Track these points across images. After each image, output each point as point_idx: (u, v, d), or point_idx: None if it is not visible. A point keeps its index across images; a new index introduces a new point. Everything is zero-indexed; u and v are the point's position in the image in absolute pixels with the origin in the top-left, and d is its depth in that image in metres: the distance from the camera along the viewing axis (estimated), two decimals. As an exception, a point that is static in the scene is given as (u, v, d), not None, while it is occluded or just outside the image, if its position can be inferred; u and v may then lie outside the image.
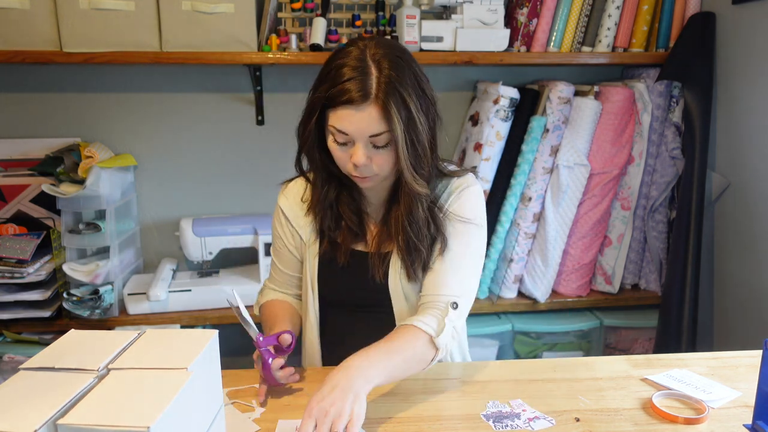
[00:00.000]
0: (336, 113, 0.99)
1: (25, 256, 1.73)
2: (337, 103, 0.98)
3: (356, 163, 1.01)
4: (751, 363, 1.17)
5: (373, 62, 0.99)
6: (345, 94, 0.97)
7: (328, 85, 0.99)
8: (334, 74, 0.99)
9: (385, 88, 0.97)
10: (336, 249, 1.16)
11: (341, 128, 1.00)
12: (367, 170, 1.03)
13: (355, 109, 0.97)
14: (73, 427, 0.58)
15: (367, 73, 0.98)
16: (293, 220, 1.21)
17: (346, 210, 1.15)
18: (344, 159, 1.04)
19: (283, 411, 1.00)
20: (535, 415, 0.99)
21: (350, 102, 0.97)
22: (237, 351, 2.20)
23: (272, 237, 1.28)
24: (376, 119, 0.98)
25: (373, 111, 0.98)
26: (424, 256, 1.10)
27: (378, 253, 1.14)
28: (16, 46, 1.67)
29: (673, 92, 1.97)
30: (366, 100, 0.97)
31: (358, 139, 1.00)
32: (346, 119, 0.99)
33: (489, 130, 1.90)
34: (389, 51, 1.01)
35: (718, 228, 1.94)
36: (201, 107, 2.03)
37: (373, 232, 1.18)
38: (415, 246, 1.09)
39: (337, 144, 1.03)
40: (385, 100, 0.97)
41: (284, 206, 1.23)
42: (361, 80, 0.97)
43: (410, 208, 1.08)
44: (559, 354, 2.02)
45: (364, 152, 1.01)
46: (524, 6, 1.90)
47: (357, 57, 0.99)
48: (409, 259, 1.10)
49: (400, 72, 0.99)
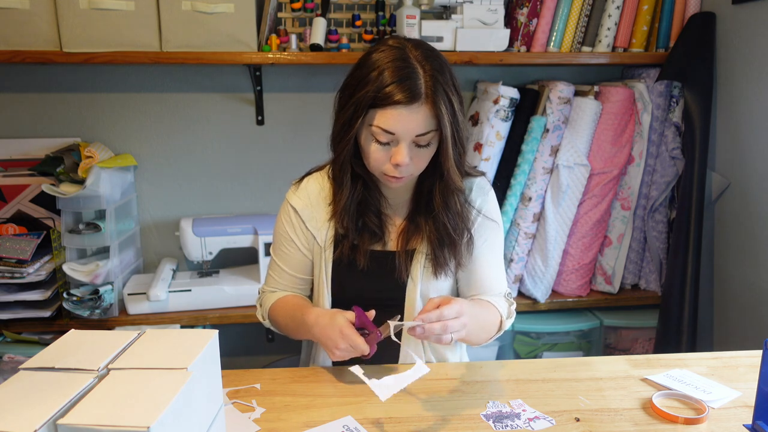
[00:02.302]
0: (385, 114, 1.00)
1: (25, 256, 1.73)
2: (387, 103, 0.99)
3: (400, 163, 1.03)
4: (751, 363, 1.17)
5: (417, 63, 1.01)
6: (395, 94, 0.98)
7: (374, 87, 1.00)
8: (379, 75, 1.00)
9: (433, 88, 1.00)
10: (355, 251, 1.16)
11: (389, 128, 1.00)
12: (407, 170, 1.05)
13: (405, 109, 0.99)
14: (73, 427, 0.58)
15: (415, 73, 0.99)
16: (309, 221, 1.19)
17: (367, 212, 1.16)
18: (382, 159, 1.05)
19: (284, 411, 1.01)
20: (535, 415, 0.99)
21: (401, 102, 0.98)
22: (237, 351, 2.20)
23: (277, 238, 1.24)
24: (426, 118, 1.01)
25: (423, 111, 1.00)
26: (459, 247, 1.14)
27: (404, 251, 1.16)
28: (16, 46, 1.67)
29: (673, 92, 1.97)
30: (417, 100, 0.99)
31: (404, 138, 1.02)
32: (395, 119, 1.00)
33: (489, 130, 1.90)
34: (428, 52, 1.03)
35: (718, 228, 1.94)
36: (201, 107, 2.03)
37: (391, 232, 1.19)
38: (451, 239, 1.13)
39: (378, 144, 1.03)
40: (435, 100, 1.00)
41: (298, 207, 1.20)
42: (410, 81, 0.99)
43: (448, 203, 1.12)
44: (559, 354, 2.02)
45: (408, 152, 1.02)
46: (524, 6, 1.90)
47: (400, 57, 1.01)
48: (440, 253, 1.14)
49: (442, 72, 1.02)
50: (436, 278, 1.16)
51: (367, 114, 1.02)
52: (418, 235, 1.16)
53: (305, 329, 1.10)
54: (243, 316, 1.87)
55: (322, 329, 1.04)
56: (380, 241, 1.18)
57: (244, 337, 2.16)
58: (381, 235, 1.17)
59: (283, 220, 1.22)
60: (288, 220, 1.21)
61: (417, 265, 1.16)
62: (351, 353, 1.01)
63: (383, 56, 1.01)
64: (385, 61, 1.01)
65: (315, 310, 1.10)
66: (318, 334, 1.05)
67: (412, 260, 1.16)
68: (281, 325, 1.22)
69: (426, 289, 1.17)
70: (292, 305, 1.19)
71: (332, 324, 1.02)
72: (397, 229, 1.19)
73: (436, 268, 1.15)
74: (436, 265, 1.15)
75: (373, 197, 1.16)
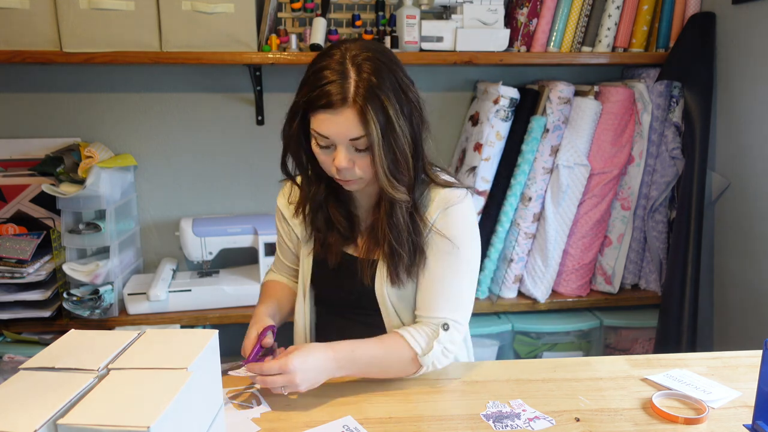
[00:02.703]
0: (316, 117, 1.00)
1: (25, 256, 1.73)
2: (317, 106, 0.98)
3: (338, 167, 1.02)
4: (751, 363, 1.17)
5: (353, 66, 0.98)
6: (324, 97, 0.97)
7: (308, 89, 1.00)
8: (315, 77, 0.99)
9: (363, 92, 0.97)
10: (327, 250, 1.17)
11: (320, 131, 1.00)
12: (350, 174, 1.03)
13: (333, 113, 0.98)
14: (73, 427, 0.58)
15: (346, 76, 0.97)
16: (289, 218, 1.24)
17: (335, 212, 1.16)
18: (328, 162, 1.04)
19: (284, 411, 1.01)
20: (535, 415, 0.99)
21: (328, 106, 0.97)
22: (237, 351, 2.20)
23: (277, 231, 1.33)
24: (354, 123, 0.98)
25: (350, 115, 0.97)
26: (405, 261, 1.09)
27: (366, 259, 1.14)
28: (16, 46, 1.67)
29: (673, 92, 1.97)
30: (344, 104, 0.97)
31: (339, 142, 1.00)
32: (325, 123, 0.99)
33: (489, 130, 1.90)
34: (371, 54, 1.00)
35: (718, 228, 1.94)
36: (201, 107, 2.03)
37: (363, 237, 1.18)
38: (396, 251, 1.08)
39: (320, 147, 1.03)
40: (363, 105, 0.96)
41: (281, 205, 1.27)
42: (340, 84, 0.97)
43: (390, 212, 1.07)
44: (559, 354, 2.02)
45: (346, 155, 1.01)
46: (524, 6, 1.90)
47: (337, 60, 0.99)
48: (392, 264, 1.10)
49: (379, 75, 0.98)
50: (393, 286, 1.13)
51: (306, 118, 1.03)
52: (377, 243, 1.13)
53: None
54: (243, 316, 1.87)
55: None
56: (353, 244, 1.18)
57: (244, 337, 2.15)
58: (352, 238, 1.17)
59: (276, 215, 1.30)
60: (278, 216, 1.28)
61: (379, 273, 1.14)
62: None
63: (324, 58, 1.01)
64: (324, 63, 1.00)
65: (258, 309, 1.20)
66: None
67: (374, 268, 1.14)
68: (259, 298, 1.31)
69: (392, 296, 1.14)
70: (263, 293, 1.29)
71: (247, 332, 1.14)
72: (365, 235, 1.18)
73: (392, 277, 1.12)
74: (392, 273, 1.11)
75: (343, 201, 1.17)
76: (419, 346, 1.07)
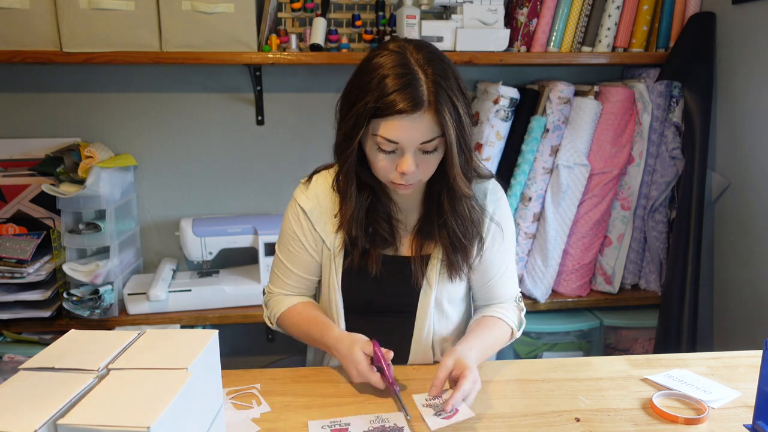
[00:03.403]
0: (387, 123, 0.97)
1: (25, 256, 1.73)
2: (389, 113, 0.95)
3: (405, 172, 1.00)
4: (751, 363, 1.17)
5: (418, 68, 0.97)
6: (397, 104, 0.94)
7: (374, 96, 0.96)
8: (379, 83, 0.96)
9: (435, 94, 0.96)
10: (366, 257, 1.14)
11: (393, 138, 0.97)
12: (414, 177, 1.03)
13: (408, 119, 0.96)
14: (73, 427, 0.58)
15: (416, 80, 0.96)
16: (317, 224, 1.17)
17: (377, 219, 1.14)
18: (388, 168, 1.02)
19: (284, 411, 1.00)
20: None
21: (403, 111, 0.95)
22: (237, 351, 2.20)
23: (284, 236, 1.21)
24: (430, 126, 0.97)
25: (426, 118, 0.97)
26: (470, 252, 1.13)
27: (419, 257, 1.15)
28: (16, 46, 1.67)
29: (673, 92, 1.97)
30: (419, 109, 0.95)
31: (409, 147, 0.99)
32: (398, 129, 0.97)
33: (489, 130, 1.90)
34: (430, 54, 1.00)
35: (718, 228, 1.94)
36: (201, 107, 2.03)
37: (403, 237, 1.17)
38: (462, 244, 1.12)
39: (383, 153, 1.01)
40: (438, 107, 0.96)
41: (307, 208, 1.17)
42: (412, 89, 0.95)
43: (455, 208, 1.10)
44: (559, 354, 2.02)
45: (414, 160, 1.00)
46: (524, 6, 1.90)
47: (400, 63, 0.97)
48: (454, 258, 1.13)
49: (445, 76, 0.98)
50: (451, 282, 1.16)
51: (370, 124, 0.99)
52: (431, 239, 1.15)
53: (324, 347, 1.13)
54: (243, 316, 1.87)
55: (341, 357, 1.06)
56: (392, 247, 1.17)
57: (244, 337, 2.16)
58: (392, 241, 1.16)
59: (291, 218, 1.19)
60: (296, 220, 1.18)
61: (433, 270, 1.15)
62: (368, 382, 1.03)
63: (383, 62, 0.98)
64: (385, 67, 0.97)
65: (334, 333, 1.09)
66: (338, 358, 1.08)
67: (427, 265, 1.15)
68: (293, 335, 1.21)
69: (440, 294, 1.16)
70: (306, 319, 1.17)
71: (350, 356, 1.03)
72: (409, 233, 1.18)
73: (451, 272, 1.14)
74: (451, 269, 1.14)
75: (383, 204, 1.14)
76: (513, 323, 1.19)
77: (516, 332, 1.20)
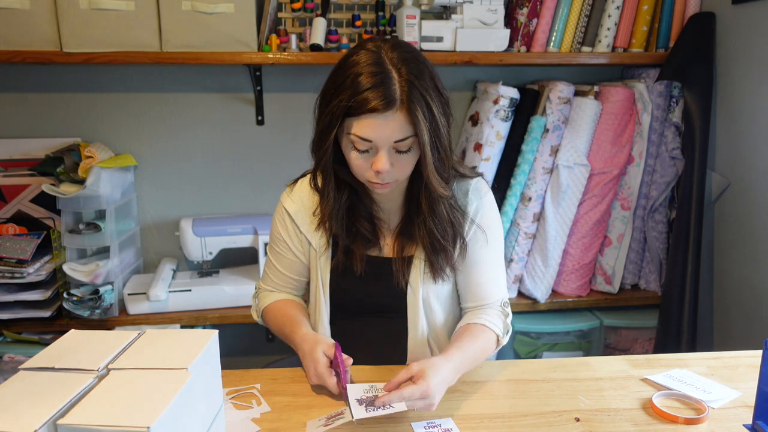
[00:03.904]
0: (360, 122, 0.97)
1: (25, 256, 1.73)
2: (361, 111, 0.96)
3: (380, 170, 1.00)
4: (751, 363, 1.17)
5: (392, 67, 0.97)
6: (369, 102, 0.95)
7: (347, 94, 0.96)
8: (353, 82, 0.96)
9: (408, 93, 0.96)
10: (351, 257, 1.15)
11: (365, 136, 0.98)
12: (389, 176, 1.02)
13: (380, 117, 0.96)
14: (73, 427, 0.58)
15: (389, 78, 0.96)
16: (302, 226, 1.18)
17: (359, 218, 1.14)
18: (364, 167, 1.02)
19: (284, 411, 1.00)
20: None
21: (375, 110, 0.95)
22: (237, 351, 2.20)
23: (272, 238, 1.24)
24: (402, 125, 0.97)
25: (399, 117, 0.96)
26: (450, 254, 1.12)
27: (401, 258, 1.15)
28: (16, 46, 1.67)
29: (673, 92, 1.97)
30: (391, 107, 0.95)
31: (382, 146, 0.99)
32: (371, 127, 0.97)
33: (489, 130, 1.90)
34: (405, 53, 0.99)
35: (718, 228, 1.94)
36: (201, 107, 2.03)
37: (387, 238, 1.17)
38: (441, 246, 1.10)
39: (357, 152, 1.01)
40: (410, 106, 0.96)
41: (292, 211, 1.19)
42: (384, 87, 0.95)
43: (433, 209, 1.09)
44: (559, 354, 2.02)
45: (388, 158, 1.00)
46: (524, 6, 1.90)
47: (374, 62, 0.97)
48: (435, 260, 1.11)
49: (419, 74, 0.98)
50: (435, 283, 1.15)
51: (344, 122, 1.00)
52: (412, 240, 1.14)
53: (292, 345, 1.14)
54: (243, 316, 1.87)
55: (302, 356, 1.07)
56: (375, 247, 1.17)
57: (244, 337, 2.16)
58: (375, 241, 1.16)
59: (277, 222, 1.22)
60: (282, 222, 1.20)
61: (415, 270, 1.15)
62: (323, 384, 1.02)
63: (358, 60, 0.98)
64: (360, 65, 0.97)
65: (301, 331, 1.11)
66: (300, 356, 1.09)
67: (410, 266, 1.15)
68: (272, 329, 1.23)
69: (427, 295, 1.16)
70: (282, 315, 1.19)
71: (310, 355, 1.04)
72: (392, 234, 1.18)
73: (434, 274, 1.13)
74: (434, 270, 1.13)
75: (364, 202, 1.15)
76: (498, 329, 1.13)
77: (502, 339, 1.14)
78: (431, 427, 0.96)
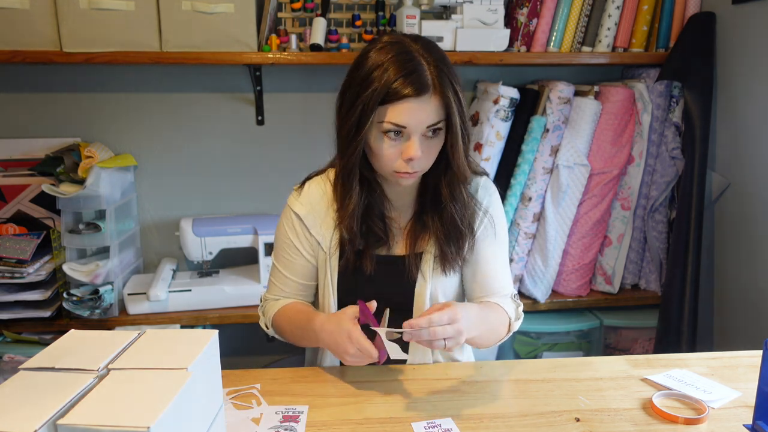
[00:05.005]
0: (395, 108, 1.00)
1: (25, 256, 1.73)
2: (397, 98, 0.99)
3: (413, 157, 1.02)
4: (751, 363, 1.17)
5: (419, 55, 1.01)
6: (404, 88, 0.98)
7: (382, 83, 0.99)
8: (383, 72, 0.99)
9: (439, 78, 1.00)
10: (361, 257, 1.15)
11: (401, 122, 1.00)
12: (419, 164, 1.05)
13: (416, 102, 0.99)
14: (73, 427, 0.58)
15: (420, 65, 1.00)
16: (313, 227, 1.18)
17: (372, 217, 1.15)
18: (394, 156, 1.04)
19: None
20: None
21: (411, 95, 0.98)
22: (237, 351, 2.20)
23: (279, 244, 1.21)
24: (436, 109, 1.01)
25: (433, 102, 1.00)
26: (466, 239, 1.14)
27: (413, 254, 1.16)
28: (16, 46, 1.67)
29: (673, 92, 1.97)
30: (426, 92, 0.99)
31: (415, 131, 1.02)
32: (407, 113, 1.00)
33: (489, 130, 1.90)
34: (427, 44, 1.04)
35: (718, 228, 1.94)
36: (201, 107, 2.03)
37: (396, 236, 1.18)
38: (459, 232, 1.13)
39: (390, 141, 1.03)
40: (443, 90, 1.00)
41: (302, 213, 1.18)
42: (417, 74, 0.99)
43: (454, 194, 1.12)
44: (559, 354, 2.02)
45: (420, 145, 1.02)
46: (524, 6, 1.90)
47: (401, 51, 1.00)
48: (448, 249, 1.14)
49: (444, 62, 1.03)
50: (445, 275, 1.16)
51: (375, 113, 1.01)
52: (425, 235, 1.16)
53: (312, 336, 1.09)
54: (243, 316, 1.87)
55: (330, 335, 1.02)
56: (385, 246, 1.17)
57: (244, 337, 2.16)
58: (386, 240, 1.16)
59: (285, 226, 1.20)
60: (291, 226, 1.19)
61: (426, 265, 1.16)
62: (362, 359, 0.98)
63: (383, 53, 1.01)
64: (386, 57, 1.00)
65: (320, 316, 1.09)
66: (326, 340, 1.04)
67: (421, 261, 1.16)
68: (286, 333, 1.19)
69: (434, 289, 1.17)
70: (295, 312, 1.17)
71: (339, 329, 1.00)
72: (403, 232, 1.19)
73: (444, 265, 1.15)
74: (444, 261, 1.15)
75: (378, 201, 1.15)
76: (511, 312, 1.17)
77: (513, 323, 1.17)
78: (431, 427, 0.96)
